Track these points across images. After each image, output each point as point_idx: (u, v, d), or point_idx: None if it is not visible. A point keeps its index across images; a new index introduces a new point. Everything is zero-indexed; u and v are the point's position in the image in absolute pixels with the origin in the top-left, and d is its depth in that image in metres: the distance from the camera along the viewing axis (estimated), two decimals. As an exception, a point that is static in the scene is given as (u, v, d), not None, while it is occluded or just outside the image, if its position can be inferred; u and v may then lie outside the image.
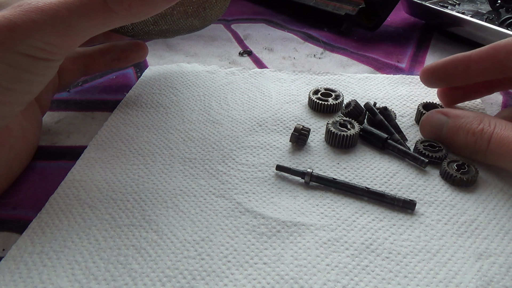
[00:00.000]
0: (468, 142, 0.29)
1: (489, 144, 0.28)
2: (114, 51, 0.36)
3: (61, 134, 0.34)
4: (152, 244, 0.24)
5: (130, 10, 0.24)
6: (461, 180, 0.28)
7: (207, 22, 0.35)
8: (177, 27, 0.34)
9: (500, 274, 0.23)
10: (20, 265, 0.23)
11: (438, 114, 0.31)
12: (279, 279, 0.22)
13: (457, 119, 0.30)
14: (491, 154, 0.28)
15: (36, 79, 0.24)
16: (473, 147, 0.29)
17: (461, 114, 0.30)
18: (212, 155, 0.31)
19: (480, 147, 0.28)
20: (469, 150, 0.29)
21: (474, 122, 0.29)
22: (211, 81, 0.41)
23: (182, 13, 0.32)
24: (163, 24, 0.33)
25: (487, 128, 0.28)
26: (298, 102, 0.38)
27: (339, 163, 0.30)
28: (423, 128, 0.32)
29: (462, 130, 0.29)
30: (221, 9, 0.36)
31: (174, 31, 0.34)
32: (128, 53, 0.36)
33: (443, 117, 0.31)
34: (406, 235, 0.25)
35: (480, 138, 0.28)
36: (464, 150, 0.30)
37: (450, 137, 0.30)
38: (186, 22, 0.33)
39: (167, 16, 0.32)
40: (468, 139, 0.29)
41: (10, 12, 0.22)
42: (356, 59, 0.47)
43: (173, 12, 0.32)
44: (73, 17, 0.23)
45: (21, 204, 0.27)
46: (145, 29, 0.33)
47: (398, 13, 0.58)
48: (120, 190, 0.28)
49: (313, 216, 0.26)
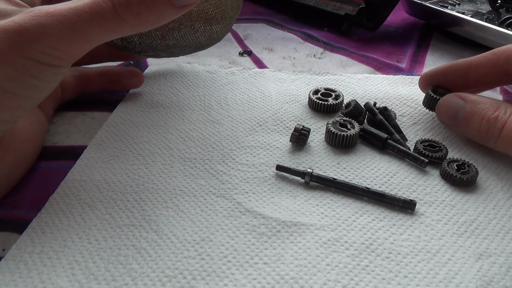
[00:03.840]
0: (481, 129, 0.29)
1: (501, 132, 0.28)
2: (110, 74, 0.38)
3: (61, 134, 0.34)
4: (152, 244, 0.24)
5: (139, 18, 0.24)
6: (461, 180, 0.28)
7: (212, 40, 0.36)
8: (184, 43, 0.35)
9: (500, 274, 0.23)
10: (20, 265, 0.23)
11: (456, 98, 0.31)
12: (279, 279, 0.22)
13: (474, 104, 0.30)
14: (502, 142, 0.28)
15: (41, 85, 0.24)
16: (485, 134, 0.29)
17: (478, 100, 0.30)
18: (212, 155, 0.31)
19: (492, 134, 0.28)
20: (481, 136, 0.30)
21: (490, 108, 0.29)
22: (211, 81, 0.41)
23: (189, 28, 0.33)
24: (170, 39, 0.33)
25: (502, 115, 0.28)
26: (298, 102, 0.38)
27: (339, 163, 0.30)
28: (440, 111, 0.32)
29: (477, 116, 0.29)
30: (226, 28, 0.37)
31: (180, 47, 0.35)
32: (122, 77, 0.38)
33: (461, 102, 0.31)
34: (406, 235, 0.25)
35: (493, 125, 0.28)
36: (476, 136, 0.30)
37: (465, 122, 0.30)
38: (192, 38, 0.34)
39: (174, 31, 0.33)
40: (482, 125, 0.29)
41: (20, 17, 0.23)
42: (356, 59, 0.47)
43: (180, 26, 0.33)
44: (82, 23, 0.23)
45: (21, 204, 0.27)
46: (152, 44, 0.33)
47: (398, 13, 0.58)
48: (120, 190, 0.28)
49: (313, 216, 0.26)
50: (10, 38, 0.22)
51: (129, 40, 0.33)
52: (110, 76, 0.38)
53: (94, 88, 0.37)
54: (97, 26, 0.24)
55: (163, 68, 0.43)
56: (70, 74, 0.36)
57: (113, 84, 0.38)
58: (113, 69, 0.38)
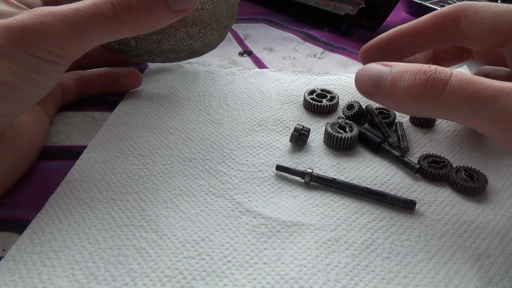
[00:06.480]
0: (416, 84, 0.23)
1: (448, 83, 0.22)
2: (109, 75, 0.38)
3: (61, 134, 0.34)
4: (152, 244, 0.24)
5: (137, 20, 0.25)
6: (471, 188, 0.27)
7: (206, 47, 0.37)
8: (179, 48, 0.35)
9: (500, 275, 0.23)
10: (20, 265, 0.23)
11: (378, 65, 0.25)
12: (279, 279, 0.22)
13: (402, 66, 0.24)
14: (447, 99, 0.22)
15: (41, 81, 0.25)
16: (422, 90, 0.23)
17: (405, 64, 0.25)
18: (212, 155, 0.31)
19: (434, 87, 0.22)
20: (415, 95, 0.23)
21: (424, 66, 0.23)
22: (211, 81, 0.41)
23: (185, 33, 0.34)
24: (166, 43, 0.34)
25: (442, 69, 0.23)
26: (298, 102, 0.38)
27: (339, 163, 0.30)
28: (360, 79, 0.26)
29: (409, 72, 0.23)
30: (220, 36, 0.38)
31: (175, 53, 0.36)
32: (120, 78, 0.38)
33: (385, 67, 0.25)
34: (406, 235, 0.25)
35: (434, 77, 0.22)
36: (406, 97, 0.23)
37: (392, 83, 0.24)
38: (187, 43, 0.35)
39: (170, 36, 0.34)
40: (417, 79, 0.23)
41: (22, 16, 0.24)
42: (356, 59, 0.47)
43: (176, 32, 0.34)
44: (83, 23, 0.24)
45: (21, 204, 0.27)
46: (148, 48, 0.34)
47: (398, 13, 0.58)
48: (120, 190, 0.28)
49: (313, 216, 0.26)
50: (12, 35, 0.23)
51: (126, 43, 0.34)
52: (109, 77, 0.38)
53: (94, 90, 0.38)
54: (97, 26, 0.25)
55: (163, 68, 0.43)
56: (69, 77, 0.36)
57: (112, 85, 0.38)
58: (112, 71, 0.39)
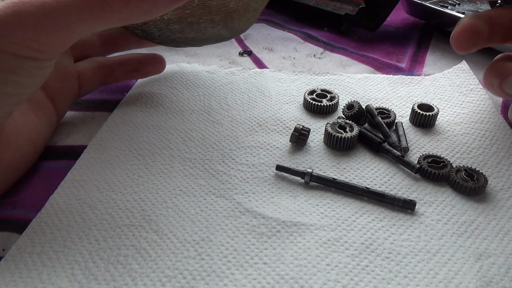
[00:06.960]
0: None
1: None
2: (132, 62, 0.36)
3: (61, 134, 0.34)
4: (152, 244, 0.24)
5: (128, 5, 0.21)
6: (471, 188, 0.27)
7: (234, 32, 0.35)
8: (204, 36, 0.33)
9: (499, 275, 0.23)
10: (20, 265, 0.23)
11: None
12: (279, 279, 0.22)
13: None
14: None
15: (22, 81, 0.22)
16: None
17: None
18: (212, 155, 0.31)
19: None
20: None
21: None
22: (211, 81, 0.41)
23: (209, 21, 0.31)
24: (189, 32, 0.32)
25: None
26: (298, 102, 0.38)
27: (339, 163, 0.30)
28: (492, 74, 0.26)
29: None
30: (249, 21, 0.34)
31: (201, 40, 0.34)
32: (145, 65, 0.36)
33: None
34: (406, 235, 0.25)
35: None
36: None
37: None
38: (213, 31, 0.33)
39: (193, 24, 0.31)
40: None
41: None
42: (356, 59, 0.47)
43: (199, 20, 0.31)
44: (63, 10, 0.20)
45: (21, 204, 0.27)
46: (171, 36, 0.32)
47: (398, 13, 0.58)
48: (120, 190, 0.28)
49: (313, 216, 0.26)
50: None
51: (148, 31, 0.32)
52: (133, 64, 0.36)
53: (116, 78, 0.36)
54: (79, 13, 0.21)
55: (163, 68, 0.43)
56: (87, 66, 0.34)
57: (136, 72, 0.36)
58: (135, 57, 0.36)
